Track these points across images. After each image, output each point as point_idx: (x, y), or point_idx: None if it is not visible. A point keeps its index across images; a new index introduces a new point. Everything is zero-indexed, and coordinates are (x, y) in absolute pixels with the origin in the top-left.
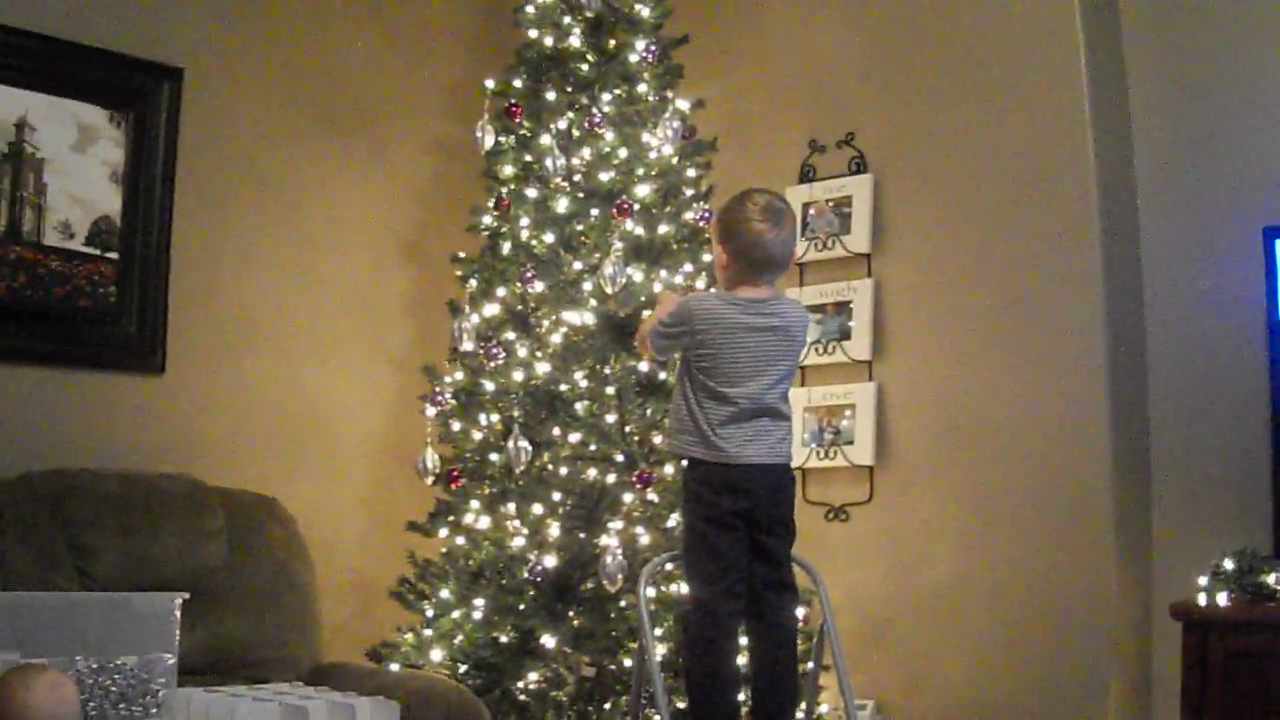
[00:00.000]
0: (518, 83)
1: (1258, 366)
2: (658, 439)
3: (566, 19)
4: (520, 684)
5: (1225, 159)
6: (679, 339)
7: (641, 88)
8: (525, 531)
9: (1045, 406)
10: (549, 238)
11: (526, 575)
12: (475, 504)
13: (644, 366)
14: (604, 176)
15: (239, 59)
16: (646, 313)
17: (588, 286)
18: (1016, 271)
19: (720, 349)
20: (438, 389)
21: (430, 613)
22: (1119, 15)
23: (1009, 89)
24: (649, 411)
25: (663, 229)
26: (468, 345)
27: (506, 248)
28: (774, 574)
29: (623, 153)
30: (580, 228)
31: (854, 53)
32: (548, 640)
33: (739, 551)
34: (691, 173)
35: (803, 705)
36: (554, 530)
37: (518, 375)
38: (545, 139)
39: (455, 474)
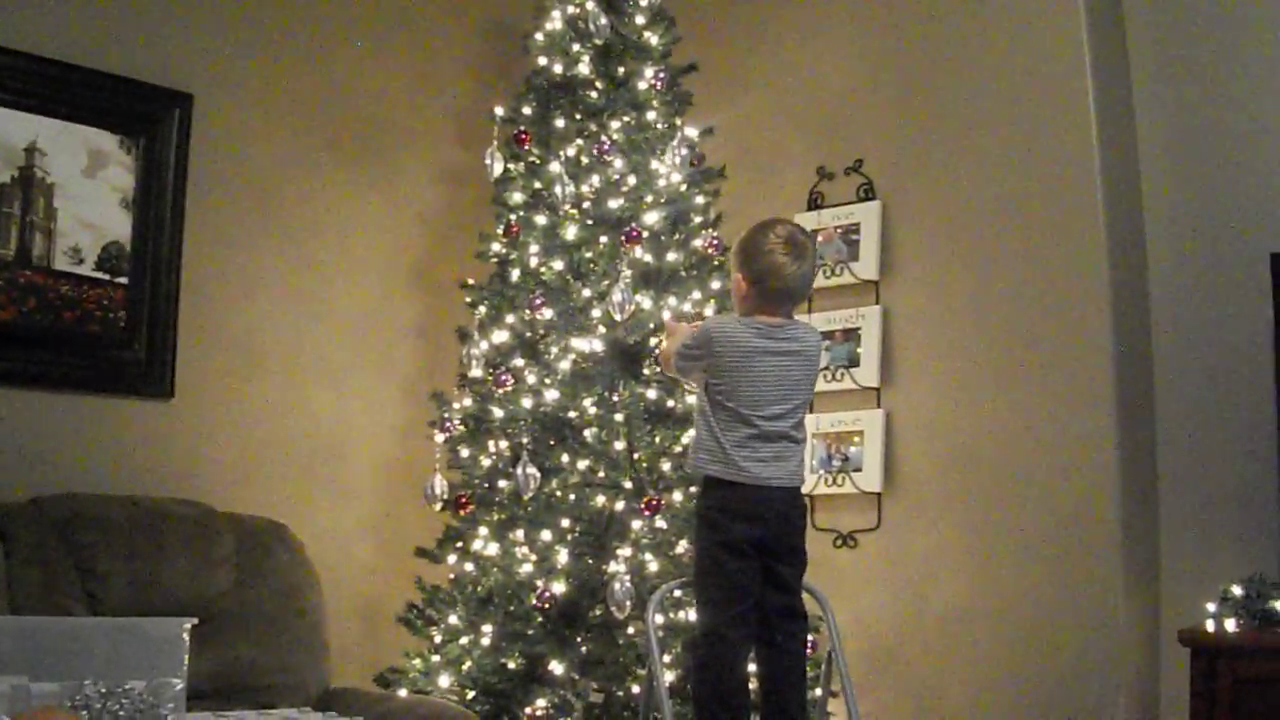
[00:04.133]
0: (527, 110)
1: (1265, 393)
2: (666, 466)
3: (575, 46)
4: (528, 710)
5: (1233, 185)
6: (698, 361)
7: (650, 115)
8: (533, 558)
9: (1053, 433)
10: (558, 265)
11: (535, 601)
12: (484, 530)
13: (652, 394)
14: (613, 204)
15: (249, 85)
16: (652, 340)
17: (596, 313)
18: (1024, 298)
19: (738, 372)
20: (446, 415)
21: (438, 638)
22: (1126, 43)
23: (1017, 116)
24: (657, 438)
25: (671, 256)
26: (476, 372)
27: (515, 274)
28: (786, 601)
29: (631, 180)
30: (589, 255)
31: (862, 80)
32: (556, 666)
33: (750, 578)
34: (700, 200)
35: None
36: (562, 557)
37: (526, 402)
38: (554, 166)
39: (464, 500)
